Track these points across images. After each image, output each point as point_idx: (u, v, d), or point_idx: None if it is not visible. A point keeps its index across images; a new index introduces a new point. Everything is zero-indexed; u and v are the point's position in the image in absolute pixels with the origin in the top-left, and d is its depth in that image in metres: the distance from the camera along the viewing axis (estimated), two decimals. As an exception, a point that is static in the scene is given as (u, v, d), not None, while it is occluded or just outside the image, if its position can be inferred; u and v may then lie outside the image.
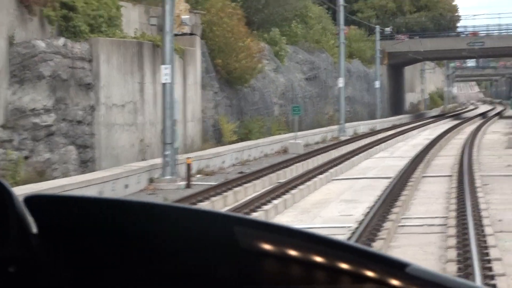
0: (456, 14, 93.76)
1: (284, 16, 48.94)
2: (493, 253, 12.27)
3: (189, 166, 22.36)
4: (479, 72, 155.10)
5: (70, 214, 1.30)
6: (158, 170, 22.47)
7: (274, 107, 40.61)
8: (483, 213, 15.85)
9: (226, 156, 29.26)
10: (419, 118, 74.41)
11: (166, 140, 22.44)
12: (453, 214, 16.08)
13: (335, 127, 46.26)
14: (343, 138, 43.87)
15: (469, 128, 53.65)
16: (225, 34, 34.52)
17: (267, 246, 1.22)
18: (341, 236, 13.19)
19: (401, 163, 28.32)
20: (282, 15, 48.70)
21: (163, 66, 22.62)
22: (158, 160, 23.10)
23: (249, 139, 34.43)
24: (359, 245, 1.21)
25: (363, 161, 31.64)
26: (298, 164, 28.97)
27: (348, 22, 74.44)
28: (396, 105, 75.95)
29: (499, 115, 78.05)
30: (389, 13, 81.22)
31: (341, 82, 45.25)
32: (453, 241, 13.33)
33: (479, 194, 18.97)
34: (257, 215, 16.71)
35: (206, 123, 32.83)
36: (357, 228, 14.48)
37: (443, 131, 46.64)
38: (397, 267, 1.15)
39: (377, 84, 62.08)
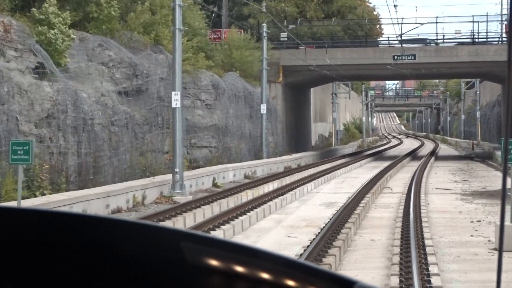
0: (378, 25, 75.16)
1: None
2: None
3: None
4: (401, 101, 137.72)
5: (11, 225, 1.25)
6: None
7: (24, 143, 20.10)
8: None
9: None
10: (327, 157, 54.81)
11: None
12: None
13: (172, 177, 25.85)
14: (180, 200, 23.85)
15: (398, 180, 34.04)
16: None
17: (213, 262, 1.19)
18: None
19: None
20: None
21: None
22: None
23: None
24: (306, 262, 1.18)
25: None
26: None
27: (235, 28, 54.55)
28: (297, 139, 56.23)
29: (434, 154, 58.93)
30: (289, 20, 61.54)
31: (176, 99, 25.02)
32: None
33: None
34: None
35: None
36: None
37: (357, 189, 26.84)
38: (344, 285, 1.13)
39: (263, 109, 42.19)
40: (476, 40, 53.85)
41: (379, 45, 58.23)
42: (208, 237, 1.25)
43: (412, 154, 59.86)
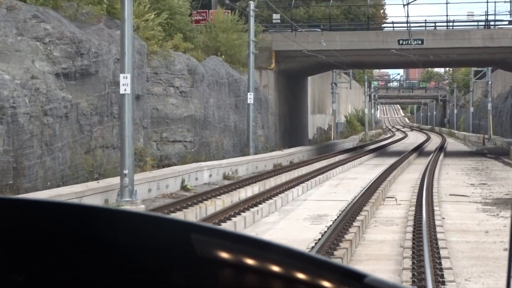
0: (382, 9, 69.87)
1: None
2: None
3: None
4: (406, 93, 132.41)
5: (22, 216, 1.25)
6: None
7: None
8: None
9: None
10: (324, 152, 49.55)
11: None
12: None
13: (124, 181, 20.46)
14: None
15: (404, 182, 28.78)
16: None
17: (223, 254, 1.19)
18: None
19: None
20: None
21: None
22: None
23: None
24: (316, 255, 1.18)
25: None
26: None
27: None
28: (292, 132, 51.02)
29: (442, 150, 53.63)
30: (285, 3, 56.19)
31: (125, 83, 19.70)
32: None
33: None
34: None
35: None
36: None
37: (354, 196, 21.60)
38: (355, 278, 1.13)
39: (250, 98, 36.93)
40: (490, 22, 48.41)
41: (383, 29, 52.88)
42: (219, 230, 1.22)
43: (419, 150, 54.58)
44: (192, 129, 32.11)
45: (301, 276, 1.14)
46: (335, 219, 16.69)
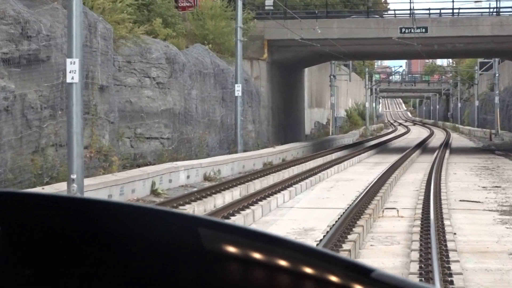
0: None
1: None
2: None
3: None
4: (408, 87, 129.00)
5: (32, 211, 1.26)
6: None
7: None
8: None
9: None
10: (321, 149, 46.23)
11: None
12: None
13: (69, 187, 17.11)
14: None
15: (407, 184, 25.41)
16: None
17: (231, 249, 1.19)
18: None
19: None
20: None
21: None
22: None
23: None
24: (324, 250, 1.18)
25: None
26: None
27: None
28: (287, 127, 47.67)
29: (447, 146, 50.27)
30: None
31: (73, 70, 16.39)
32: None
33: None
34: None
35: None
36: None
37: (348, 205, 18.30)
38: (362, 273, 1.13)
39: (237, 90, 33.55)
40: (500, 9, 45.02)
41: (384, 16, 49.49)
42: (226, 224, 1.22)
43: (422, 146, 51.22)
44: (170, 125, 28.81)
45: (308, 270, 1.14)
46: (322, 238, 13.39)
